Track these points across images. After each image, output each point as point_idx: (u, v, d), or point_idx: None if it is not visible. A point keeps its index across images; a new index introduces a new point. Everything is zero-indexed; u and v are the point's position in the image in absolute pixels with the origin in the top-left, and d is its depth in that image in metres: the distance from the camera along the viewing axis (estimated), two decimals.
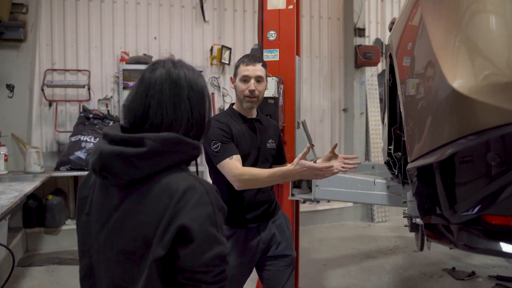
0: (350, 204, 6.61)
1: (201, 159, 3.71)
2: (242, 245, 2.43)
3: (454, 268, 4.52)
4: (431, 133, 1.32)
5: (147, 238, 1.18)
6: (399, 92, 1.71)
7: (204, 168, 5.32)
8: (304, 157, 2.14)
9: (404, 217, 2.16)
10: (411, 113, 1.50)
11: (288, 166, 2.19)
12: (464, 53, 1.21)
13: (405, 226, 2.30)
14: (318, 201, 6.42)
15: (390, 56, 2.23)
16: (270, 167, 2.54)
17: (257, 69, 2.40)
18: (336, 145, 2.40)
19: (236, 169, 2.23)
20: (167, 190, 1.19)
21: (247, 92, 2.38)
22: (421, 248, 2.21)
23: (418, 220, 1.83)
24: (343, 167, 2.37)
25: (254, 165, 2.42)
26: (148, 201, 1.20)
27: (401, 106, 1.66)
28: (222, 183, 2.33)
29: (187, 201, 1.17)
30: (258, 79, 2.40)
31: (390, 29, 2.66)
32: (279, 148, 2.66)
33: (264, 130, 2.54)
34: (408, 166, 1.52)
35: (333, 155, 2.44)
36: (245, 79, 2.39)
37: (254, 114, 2.52)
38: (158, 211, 1.18)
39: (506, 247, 1.15)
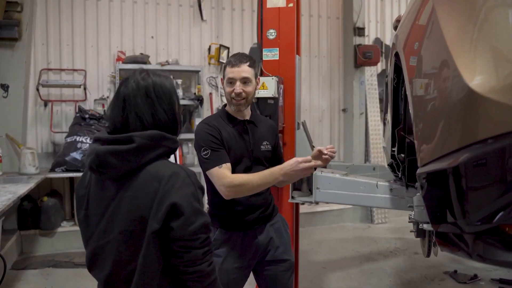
0: (350, 206, 6.54)
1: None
2: (239, 249, 2.37)
3: (456, 271, 4.45)
4: (444, 136, 1.24)
5: (143, 217, 1.44)
6: (407, 92, 1.63)
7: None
8: (302, 158, 2.16)
9: (409, 222, 2.09)
10: (422, 114, 1.42)
11: (275, 168, 2.19)
12: (482, 50, 1.13)
13: (411, 231, 2.22)
14: (317, 203, 6.36)
15: (396, 55, 2.15)
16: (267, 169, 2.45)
17: (243, 70, 2.32)
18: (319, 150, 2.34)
19: (225, 178, 2.20)
20: (155, 177, 1.45)
21: (233, 95, 2.32)
22: (428, 255, 2.13)
23: (426, 226, 1.76)
24: (326, 154, 2.36)
25: (247, 169, 2.35)
26: (140, 187, 1.45)
27: (410, 107, 1.58)
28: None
29: (174, 184, 1.44)
30: (245, 81, 2.32)
31: (395, 28, 2.58)
32: (276, 149, 2.57)
33: (258, 131, 2.46)
34: (418, 171, 1.44)
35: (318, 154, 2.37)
36: (231, 81, 2.33)
37: (247, 115, 2.44)
38: (150, 194, 1.44)
39: None
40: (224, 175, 2.20)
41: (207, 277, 1.48)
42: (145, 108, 1.50)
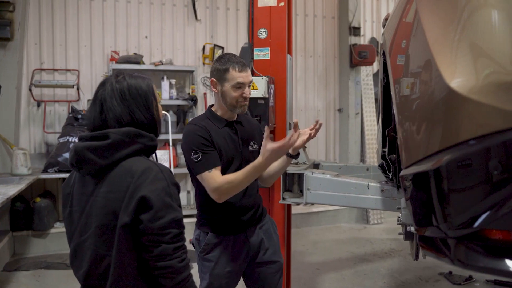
0: (344, 206, 6.51)
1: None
2: (231, 252, 2.35)
3: (450, 272, 4.42)
4: (426, 138, 1.20)
5: (116, 211, 1.47)
6: (392, 92, 1.60)
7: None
8: (267, 141, 2.12)
9: (398, 224, 2.06)
10: (405, 115, 1.39)
11: (255, 161, 2.18)
12: (463, 50, 1.10)
13: (400, 233, 2.19)
14: (312, 203, 6.33)
15: (384, 54, 2.12)
16: None
17: (249, 75, 2.34)
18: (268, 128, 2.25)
19: (214, 182, 2.18)
20: (129, 172, 1.49)
21: (241, 98, 2.30)
22: (416, 257, 2.10)
23: (413, 229, 1.72)
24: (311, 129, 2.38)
25: (238, 170, 2.29)
26: (114, 182, 1.50)
27: (394, 107, 1.55)
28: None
29: (146, 178, 1.47)
30: (249, 84, 2.35)
31: (384, 26, 2.55)
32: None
33: (246, 131, 2.44)
34: (402, 173, 1.40)
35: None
36: (240, 85, 2.29)
37: (235, 116, 2.42)
38: (122, 188, 1.48)
39: (509, 265, 1.03)
40: (213, 179, 2.18)
41: (177, 273, 1.48)
42: (122, 109, 1.55)
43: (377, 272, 4.64)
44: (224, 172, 2.27)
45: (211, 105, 2.46)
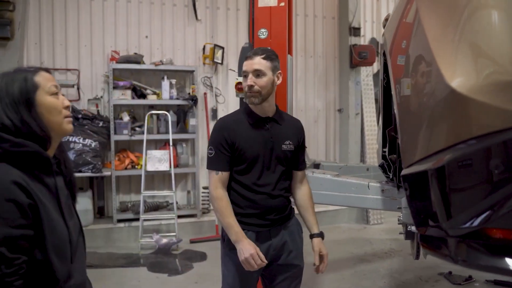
0: (345, 206, 6.51)
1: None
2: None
3: (450, 272, 4.43)
4: (427, 137, 1.21)
5: None
6: (393, 92, 1.60)
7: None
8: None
9: (399, 223, 2.06)
10: (406, 114, 1.39)
11: (241, 232, 2.23)
12: (463, 49, 1.10)
13: (400, 233, 2.20)
14: None
15: (384, 54, 2.13)
16: (286, 171, 2.40)
17: (255, 63, 2.25)
18: None
19: (215, 189, 2.28)
20: None
21: (246, 88, 2.27)
22: (417, 257, 2.11)
23: (414, 228, 1.73)
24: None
25: (264, 168, 2.31)
26: None
27: (395, 107, 1.55)
28: (237, 184, 2.32)
29: None
30: (257, 73, 2.25)
31: (384, 26, 2.56)
32: (297, 151, 2.45)
33: (281, 130, 2.37)
34: (402, 172, 1.41)
35: None
36: (244, 74, 2.29)
37: (269, 112, 2.35)
38: None
39: (510, 264, 1.04)
40: (214, 185, 2.27)
41: None
42: None
43: (377, 272, 4.64)
44: (248, 169, 2.29)
45: None
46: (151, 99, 5.78)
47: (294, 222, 2.48)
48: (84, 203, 5.34)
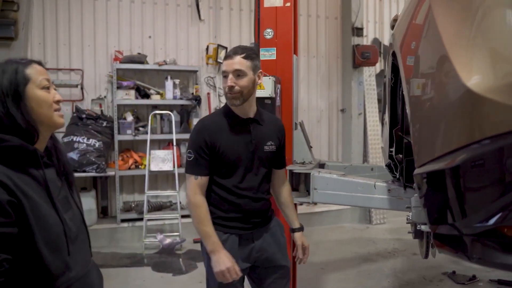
0: (348, 206, 6.51)
1: None
2: (236, 251, 2.30)
3: (454, 272, 4.43)
4: (442, 136, 1.22)
5: None
6: (404, 92, 1.61)
7: None
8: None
9: (407, 223, 2.06)
10: (419, 114, 1.40)
11: (218, 242, 2.19)
12: (479, 49, 1.11)
13: (409, 232, 2.20)
14: (315, 203, 6.35)
15: (393, 54, 2.13)
16: (268, 173, 2.40)
17: (235, 63, 2.18)
18: None
19: (194, 195, 2.24)
20: None
21: (226, 89, 2.20)
22: (426, 256, 2.11)
23: (423, 227, 1.74)
24: None
25: (246, 170, 2.28)
26: None
27: (407, 107, 1.56)
28: (219, 188, 2.28)
29: None
30: (238, 73, 2.17)
31: (393, 27, 2.56)
32: (279, 151, 2.44)
33: (262, 131, 2.34)
34: (416, 171, 1.41)
35: None
36: (224, 74, 2.22)
37: (250, 113, 2.30)
38: None
39: None
40: (193, 190, 2.24)
41: None
42: None
43: (381, 272, 4.65)
44: (231, 173, 2.26)
45: None
46: (155, 99, 5.79)
47: (275, 223, 2.48)
48: (87, 203, 5.35)
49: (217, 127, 2.25)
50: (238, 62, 2.18)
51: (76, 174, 5.01)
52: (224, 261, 2.13)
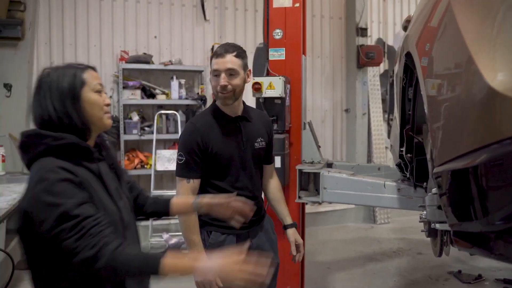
0: (352, 206, 6.52)
1: None
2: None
3: (460, 271, 4.45)
4: (465, 136, 1.23)
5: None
6: (422, 92, 1.62)
7: None
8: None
9: (420, 221, 2.08)
10: (439, 114, 1.41)
11: (203, 252, 2.12)
12: (503, 47, 1.12)
13: (422, 231, 2.22)
14: (320, 203, 6.36)
15: (407, 55, 2.15)
16: (260, 170, 2.41)
17: (227, 61, 2.14)
18: None
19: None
20: (30, 175, 1.42)
21: (218, 88, 2.16)
22: (440, 254, 2.13)
23: (438, 226, 1.76)
24: None
25: (240, 169, 2.27)
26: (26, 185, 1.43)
27: (425, 107, 1.57)
28: (214, 190, 2.26)
29: (30, 183, 1.39)
30: (230, 72, 2.14)
31: (405, 28, 2.57)
32: (268, 146, 2.44)
33: (251, 127, 2.33)
34: (435, 170, 1.43)
35: None
36: (216, 73, 2.17)
37: (239, 110, 2.29)
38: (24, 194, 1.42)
39: None
40: (185, 194, 2.20)
41: (95, 260, 1.34)
42: (35, 102, 1.50)
43: (387, 271, 4.67)
44: (226, 172, 2.25)
45: (215, 100, 2.33)
46: (160, 99, 5.81)
47: (267, 220, 2.49)
48: None
49: (209, 128, 2.23)
50: (230, 60, 2.15)
51: None
52: (206, 274, 2.08)
